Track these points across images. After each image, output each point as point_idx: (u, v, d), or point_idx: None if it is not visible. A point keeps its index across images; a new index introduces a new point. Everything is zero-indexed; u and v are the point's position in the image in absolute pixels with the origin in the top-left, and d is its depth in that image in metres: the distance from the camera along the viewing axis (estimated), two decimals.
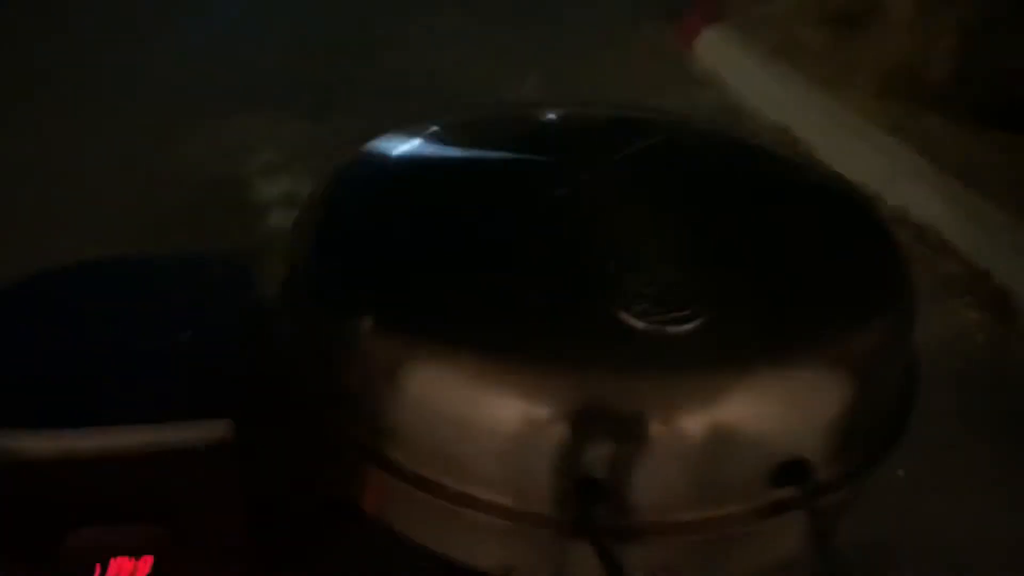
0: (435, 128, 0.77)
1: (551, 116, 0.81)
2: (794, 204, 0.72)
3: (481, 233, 0.66)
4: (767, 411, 0.57)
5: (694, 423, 0.56)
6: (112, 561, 0.65)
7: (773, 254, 0.66)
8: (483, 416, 0.57)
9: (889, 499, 1.19)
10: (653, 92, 3.01)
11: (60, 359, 0.69)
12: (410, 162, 0.77)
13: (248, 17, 3.34)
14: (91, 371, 0.68)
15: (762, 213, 0.69)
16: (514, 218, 0.67)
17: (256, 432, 0.67)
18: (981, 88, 2.71)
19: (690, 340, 0.58)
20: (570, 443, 0.56)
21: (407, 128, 0.78)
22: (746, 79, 3.13)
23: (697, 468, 0.57)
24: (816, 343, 0.60)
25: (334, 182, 0.75)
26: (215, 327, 0.72)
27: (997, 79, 2.65)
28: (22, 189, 2.15)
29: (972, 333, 2.09)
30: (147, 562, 0.65)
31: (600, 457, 0.56)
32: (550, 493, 0.57)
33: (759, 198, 0.71)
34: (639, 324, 0.58)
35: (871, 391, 0.62)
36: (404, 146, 0.77)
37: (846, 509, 0.63)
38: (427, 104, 2.45)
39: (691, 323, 0.58)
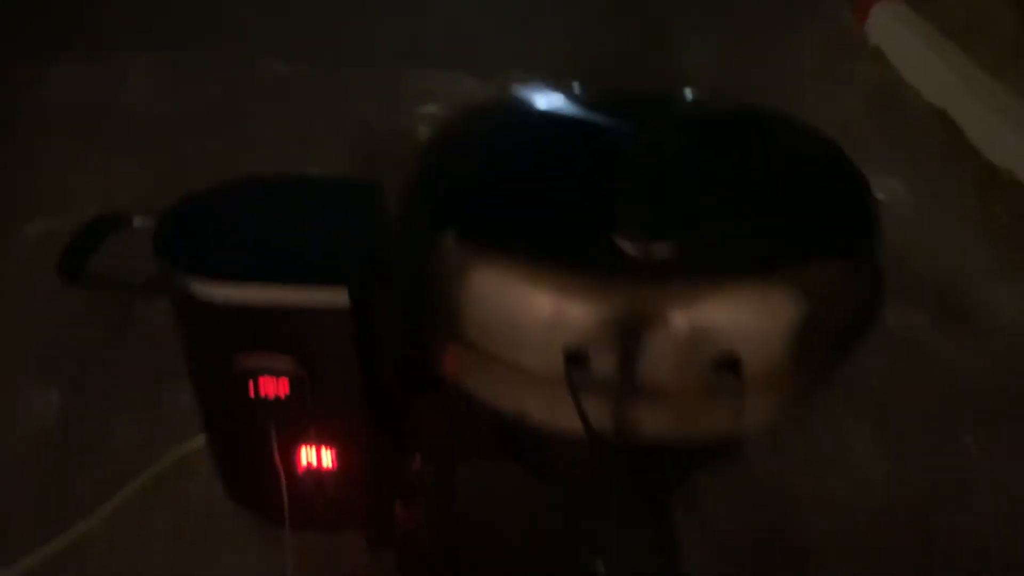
0: (536, 94, 1.01)
1: (620, 95, 1.03)
2: (786, 159, 0.91)
3: (540, 176, 0.91)
4: (715, 317, 0.78)
5: (659, 322, 0.78)
6: (261, 377, 0.94)
7: (754, 196, 0.86)
8: (523, 306, 0.81)
9: None
10: (817, 66, 3.08)
11: (234, 244, 0.98)
12: (506, 117, 1.01)
13: None
14: (254, 252, 0.97)
15: (755, 165, 0.90)
16: (568, 165, 0.91)
17: (368, 304, 0.95)
18: None
19: (667, 261, 0.80)
20: (574, 327, 0.79)
21: (510, 93, 1.02)
22: (908, 58, 3.12)
23: (660, 352, 0.79)
24: (766, 267, 0.80)
25: (445, 129, 1.01)
26: (351, 226, 1.00)
27: None
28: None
29: None
30: (284, 383, 0.94)
31: (598, 339, 0.79)
32: (558, 360, 0.80)
33: (756, 154, 0.92)
34: (631, 248, 0.80)
35: (815, 316, 0.81)
36: (504, 105, 1.01)
37: (782, 408, 0.83)
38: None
39: (669, 249, 0.80)
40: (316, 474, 1.06)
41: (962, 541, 1.41)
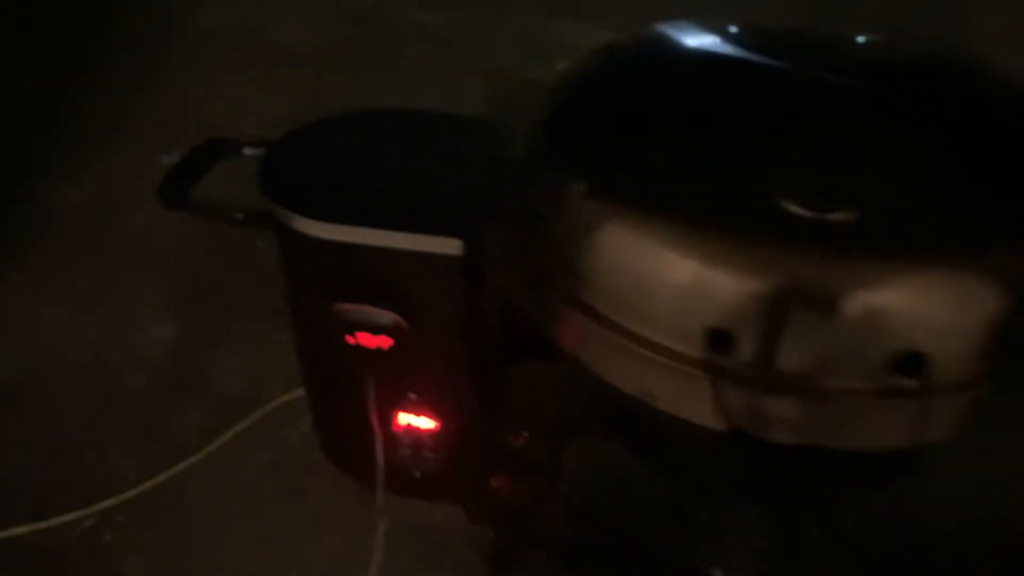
0: (682, 29, 0.87)
1: (793, 31, 0.87)
2: (989, 115, 0.74)
3: (692, 124, 0.77)
4: (899, 303, 0.63)
5: (829, 304, 0.64)
6: (360, 333, 0.85)
7: (955, 165, 0.70)
8: (661, 272, 0.69)
9: None
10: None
11: (344, 180, 0.89)
12: (651, 56, 0.87)
13: None
14: (364, 190, 0.87)
15: (952, 122, 0.73)
16: (722, 112, 0.77)
17: (481, 256, 0.84)
18: None
19: (843, 229, 0.65)
20: (728, 302, 0.66)
21: (656, 30, 0.88)
22: None
23: (825, 341, 0.65)
24: (968, 249, 0.64)
25: (581, 66, 0.88)
26: (470, 168, 0.89)
27: None
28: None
29: None
30: (386, 341, 0.85)
31: (747, 317, 0.66)
32: (692, 337, 0.67)
33: (953, 110, 0.75)
34: (800, 210, 0.66)
35: (1021, 311, 0.65)
36: (649, 43, 0.87)
37: (968, 415, 0.68)
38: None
39: (848, 214, 0.65)
40: (413, 435, 0.97)
41: None
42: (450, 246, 0.81)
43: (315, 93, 2.34)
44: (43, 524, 1.28)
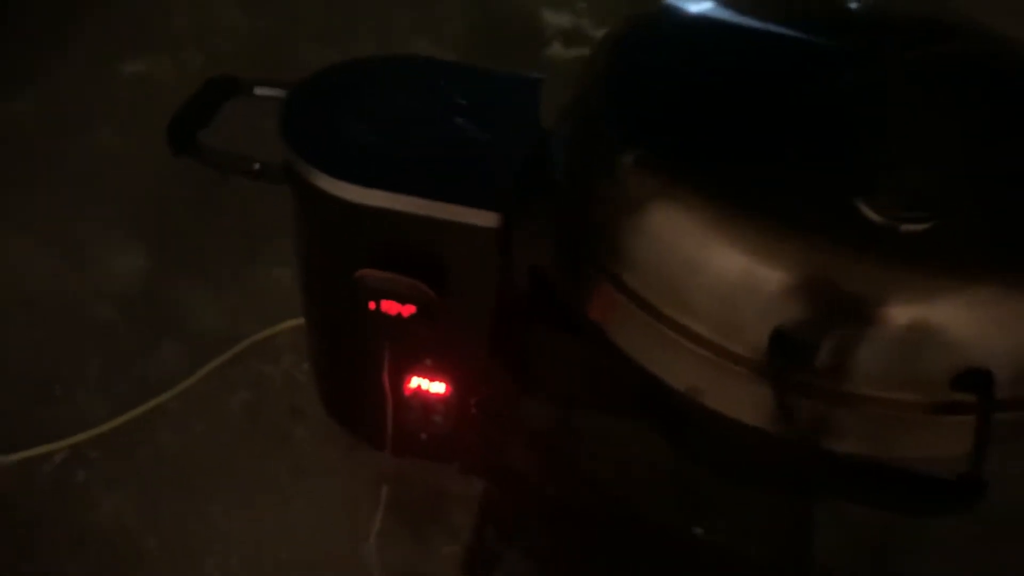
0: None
1: (856, 3, 0.83)
2: None
3: (754, 101, 0.73)
4: (968, 319, 0.62)
5: (898, 313, 0.62)
6: (384, 300, 0.81)
7: None
8: (712, 261, 0.66)
9: None
10: None
11: (371, 135, 0.83)
12: (704, 22, 0.83)
13: None
14: (394, 148, 0.82)
15: None
16: (790, 92, 0.73)
17: (519, 230, 0.80)
18: None
19: (918, 240, 0.63)
20: (782, 302, 0.64)
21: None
22: None
23: (888, 353, 0.63)
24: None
25: (631, 28, 0.83)
26: (509, 128, 0.84)
27: None
28: None
29: None
30: (410, 309, 0.81)
31: (806, 321, 0.64)
32: (751, 339, 0.65)
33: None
34: (875, 216, 0.63)
35: None
36: (702, 6, 0.83)
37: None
38: None
39: (924, 224, 0.63)
40: (423, 399, 0.94)
41: None
42: (487, 218, 0.77)
43: (284, 16, 2.22)
44: (12, 457, 1.23)
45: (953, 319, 0.62)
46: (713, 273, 0.66)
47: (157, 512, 1.20)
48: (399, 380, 0.92)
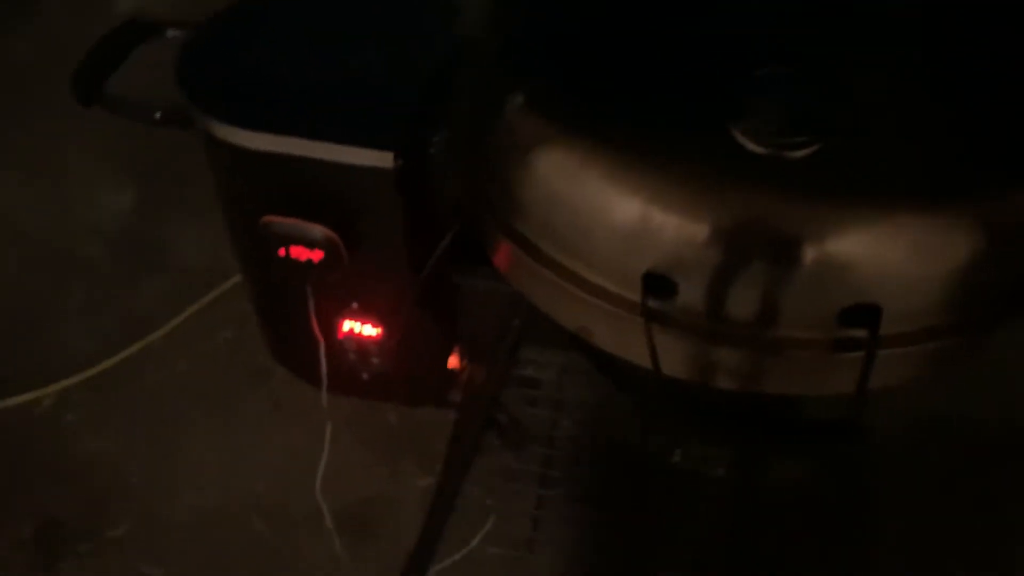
0: None
1: None
2: (1005, 47, 0.66)
3: (644, 36, 0.68)
4: (850, 252, 0.58)
5: (778, 248, 0.58)
6: (292, 247, 0.79)
7: (941, 93, 0.62)
8: (591, 203, 0.62)
9: None
10: None
11: (273, 75, 0.80)
12: None
13: None
14: (294, 87, 0.79)
15: (954, 48, 0.65)
16: (684, 17, 0.68)
17: (421, 163, 0.77)
18: None
19: (801, 167, 0.58)
20: (657, 242, 0.60)
21: None
22: None
23: (772, 289, 0.59)
24: (941, 189, 0.58)
25: None
26: (414, 55, 0.80)
27: None
28: None
29: None
30: (318, 254, 0.79)
31: (682, 260, 0.60)
32: (632, 280, 0.62)
33: (960, 32, 0.66)
34: (757, 148, 0.59)
35: (997, 259, 0.60)
36: None
37: (927, 363, 0.64)
38: None
39: (805, 150, 0.58)
40: (358, 341, 0.93)
41: None
42: (383, 159, 0.74)
43: None
44: (1, 404, 1.27)
45: (838, 251, 0.58)
46: (593, 215, 0.63)
47: (139, 448, 1.23)
48: (331, 323, 0.91)
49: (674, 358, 0.63)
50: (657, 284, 0.60)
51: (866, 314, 0.58)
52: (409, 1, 0.88)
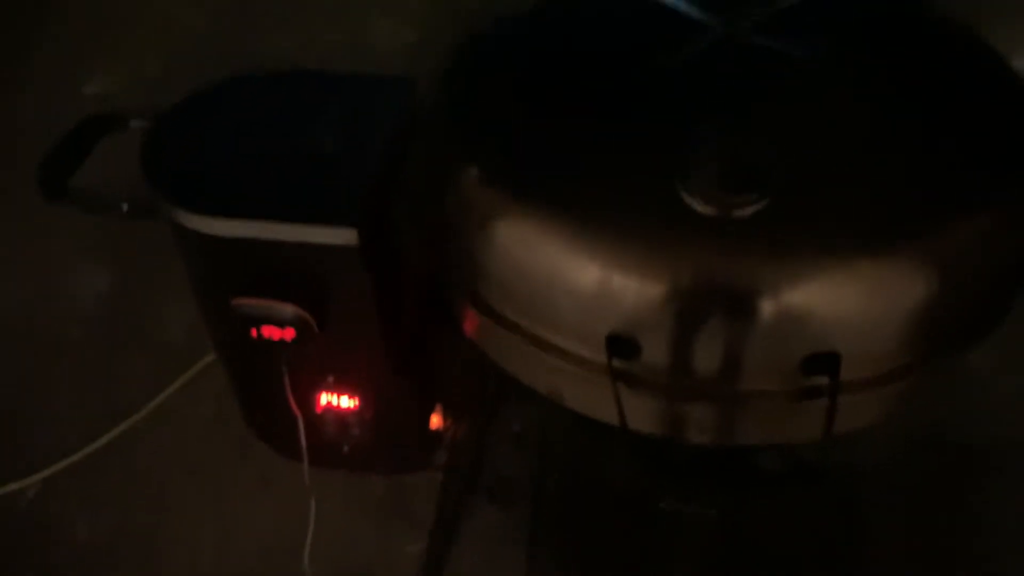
0: None
1: None
2: (920, 67, 0.68)
3: (592, 97, 0.70)
4: (805, 303, 0.59)
5: (735, 305, 0.60)
6: (264, 326, 0.80)
7: (877, 137, 0.64)
8: (551, 271, 0.64)
9: None
10: None
11: (234, 160, 0.82)
12: (548, 29, 0.79)
13: None
14: (255, 171, 0.81)
15: (884, 93, 0.67)
16: (629, 82, 0.70)
17: (384, 237, 0.79)
18: None
19: (750, 224, 0.60)
20: (617, 304, 0.62)
21: None
22: None
23: (733, 345, 0.61)
24: (886, 235, 0.60)
25: (486, 26, 0.80)
26: (363, 143, 0.82)
27: None
28: None
29: None
30: (290, 332, 0.80)
31: (648, 323, 0.61)
32: (595, 342, 0.63)
33: (888, 77, 0.68)
34: (705, 208, 0.60)
35: (948, 296, 0.61)
36: (546, 15, 0.79)
37: (891, 403, 0.65)
38: None
39: (753, 207, 0.60)
40: (336, 414, 0.94)
41: None
42: (345, 236, 0.76)
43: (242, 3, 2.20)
44: None
45: (793, 303, 0.60)
46: (553, 282, 0.64)
47: (127, 531, 1.23)
48: (308, 398, 0.91)
49: (643, 415, 0.65)
50: (621, 345, 0.61)
51: (826, 362, 0.59)
52: (359, 82, 0.90)
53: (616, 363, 0.61)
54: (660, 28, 0.74)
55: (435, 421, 1.04)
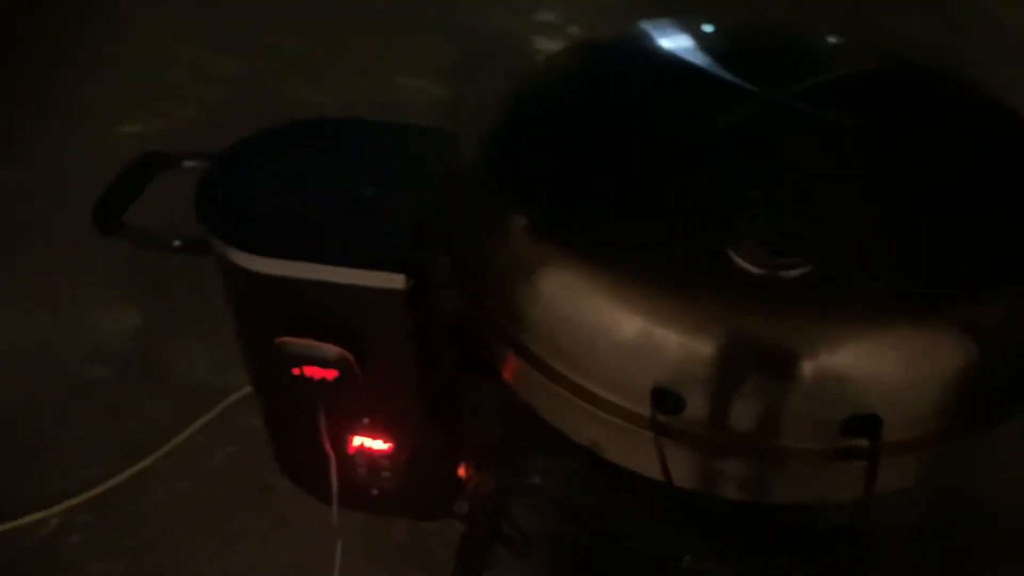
0: (630, 35, 0.82)
1: (742, 35, 0.82)
2: (967, 143, 0.71)
3: (640, 155, 0.73)
4: (846, 365, 0.61)
5: (778, 364, 0.61)
6: (306, 367, 0.82)
7: (918, 206, 0.67)
8: (599, 322, 0.65)
9: None
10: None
11: (285, 202, 0.85)
12: (608, 67, 0.83)
13: None
14: (305, 213, 0.83)
15: (923, 163, 0.69)
16: (678, 143, 0.73)
17: (429, 285, 0.81)
18: None
19: (795, 287, 0.62)
20: (663, 359, 0.63)
21: (608, 36, 0.83)
22: None
23: (775, 404, 0.62)
24: (928, 304, 0.61)
25: (532, 79, 0.83)
26: (419, 187, 0.85)
27: None
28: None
29: None
30: (332, 373, 0.82)
31: (692, 377, 0.63)
32: (640, 396, 0.64)
33: (927, 147, 0.71)
34: (753, 268, 0.62)
35: (987, 366, 0.63)
36: (597, 55, 0.83)
37: (926, 468, 0.66)
38: None
39: (799, 270, 0.62)
40: (368, 456, 0.95)
41: None
42: (394, 280, 0.78)
43: (274, 56, 2.25)
44: (5, 526, 1.27)
45: (835, 365, 0.61)
46: (598, 333, 0.66)
47: (143, 570, 1.22)
48: (341, 439, 0.93)
49: (682, 469, 0.66)
50: (665, 399, 0.62)
51: (867, 424, 0.61)
52: (406, 132, 0.93)
53: (660, 417, 0.62)
54: (701, 91, 0.77)
55: (462, 469, 1.05)
